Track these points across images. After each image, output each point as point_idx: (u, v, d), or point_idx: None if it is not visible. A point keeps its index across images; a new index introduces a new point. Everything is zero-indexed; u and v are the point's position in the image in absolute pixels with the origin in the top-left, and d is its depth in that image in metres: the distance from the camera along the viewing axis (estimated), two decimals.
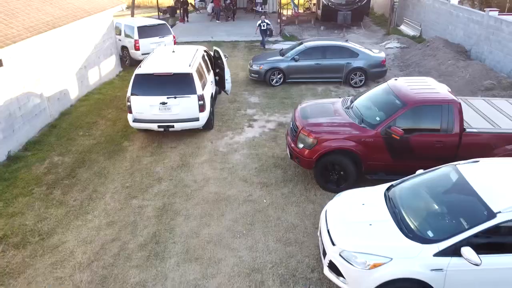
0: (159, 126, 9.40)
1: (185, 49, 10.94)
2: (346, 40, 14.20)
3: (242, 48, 19.08)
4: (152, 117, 9.39)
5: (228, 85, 11.45)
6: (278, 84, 13.61)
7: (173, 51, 10.59)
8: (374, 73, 13.43)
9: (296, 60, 13.30)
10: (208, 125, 10.09)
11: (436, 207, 5.36)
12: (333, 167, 7.60)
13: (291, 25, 23.89)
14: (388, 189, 5.95)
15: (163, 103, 9.22)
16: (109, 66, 14.69)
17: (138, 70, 9.41)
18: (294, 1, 25.00)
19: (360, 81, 13.43)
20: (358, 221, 5.40)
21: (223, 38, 20.97)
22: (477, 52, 15.08)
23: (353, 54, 13.30)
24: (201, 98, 9.31)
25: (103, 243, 6.51)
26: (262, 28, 18.29)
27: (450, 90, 7.72)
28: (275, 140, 9.87)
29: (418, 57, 15.87)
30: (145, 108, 9.31)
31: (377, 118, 7.37)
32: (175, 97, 9.19)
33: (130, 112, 9.43)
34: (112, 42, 15.04)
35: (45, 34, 9.84)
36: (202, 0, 29.68)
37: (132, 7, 22.95)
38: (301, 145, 7.64)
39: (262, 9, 26.52)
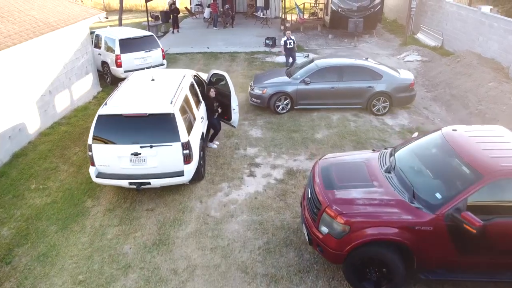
0: (130, 183, 7.09)
1: (169, 76, 8.61)
2: (367, 58, 11.88)
3: (241, 61, 16.75)
4: (121, 171, 7.08)
5: (235, 116, 9.17)
6: (284, 111, 11.29)
7: (153, 79, 8.27)
8: (401, 99, 11.12)
9: (306, 83, 10.99)
10: (198, 176, 7.78)
11: None
12: (372, 261, 5.30)
13: (296, 32, 21.52)
14: None
15: (136, 154, 6.91)
16: (84, 87, 12.37)
17: (103, 110, 7.07)
18: (299, 6, 22.64)
19: (384, 107, 11.12)
20: None
21: (221, 48, 18.64)
22: None
23: (376, 75, 10.99)
24: (186, 146, 7.00)
25: None
26: (289, 46, 14.47)
27: None
28: (284, 198, 7.56)
29: (447, 75, 13.54)
30: (112, 159, 7.01)
31: (438, 196, 5.06)
32: (151, 146, 6.89)
33: (93, 165, 7.13)
34: (89, 58, 12.72)
35: None
36: (198, 4, 27.45)
37: (120, 14, 20.55)
38: (325, 230, 5.32)
39: (263, 14, 24.18)
